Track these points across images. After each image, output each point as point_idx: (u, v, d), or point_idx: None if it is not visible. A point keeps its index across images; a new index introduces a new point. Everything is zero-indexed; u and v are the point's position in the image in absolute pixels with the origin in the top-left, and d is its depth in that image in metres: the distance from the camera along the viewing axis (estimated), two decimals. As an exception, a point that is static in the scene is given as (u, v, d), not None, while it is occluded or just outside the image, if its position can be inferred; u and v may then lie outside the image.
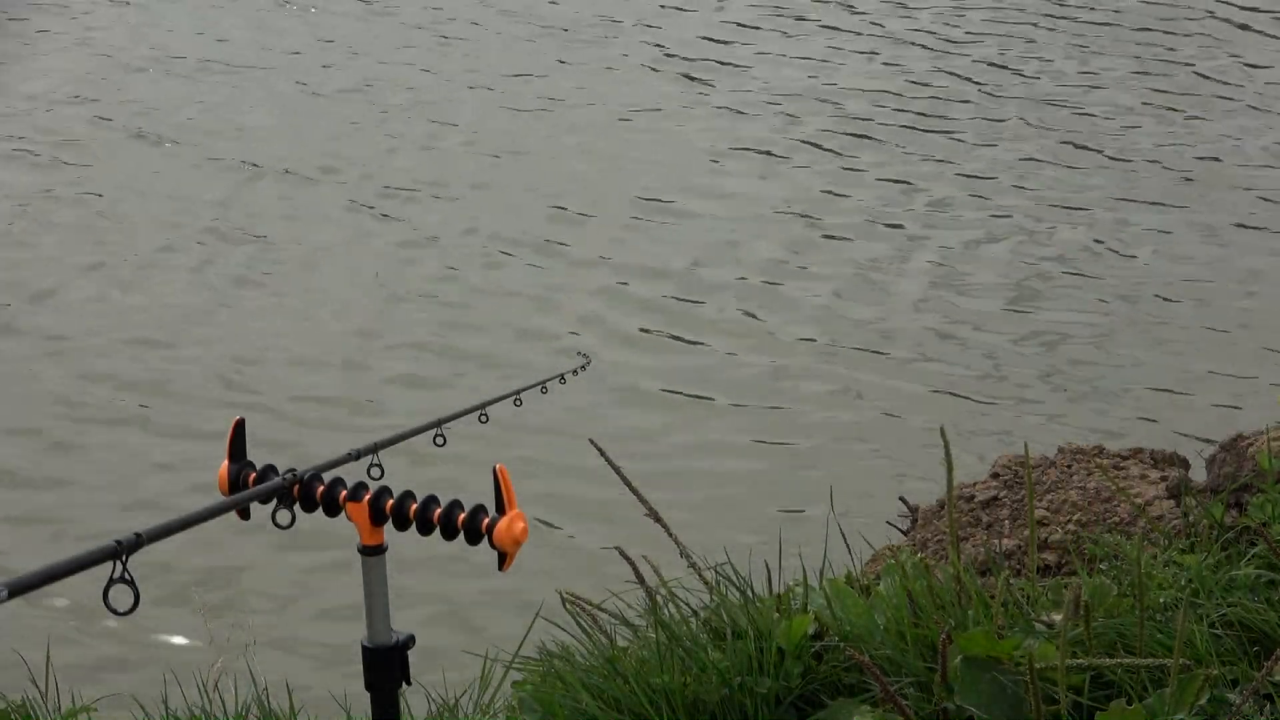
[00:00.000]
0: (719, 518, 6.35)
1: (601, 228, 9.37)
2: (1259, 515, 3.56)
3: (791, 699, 3.07)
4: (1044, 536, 4.01)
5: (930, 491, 5.82)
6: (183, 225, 9.44)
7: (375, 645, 2.29)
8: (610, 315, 8.36)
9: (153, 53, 12.12)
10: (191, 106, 11.14)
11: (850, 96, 11.19)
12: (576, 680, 3.14)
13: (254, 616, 5.76)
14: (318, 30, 12.65)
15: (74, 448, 7.19)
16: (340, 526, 2.34)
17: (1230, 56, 11.65)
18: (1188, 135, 10.42)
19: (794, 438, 7.18)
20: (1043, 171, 9.94)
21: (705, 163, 10.27)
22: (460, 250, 9.11)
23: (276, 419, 7.21)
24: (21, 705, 3.69)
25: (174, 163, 10.33)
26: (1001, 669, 2.84)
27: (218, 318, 8.39)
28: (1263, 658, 3.03)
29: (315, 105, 11.31)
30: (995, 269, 8.72)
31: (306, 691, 3.99)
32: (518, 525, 2.17)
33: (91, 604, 5.56)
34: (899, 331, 8.09)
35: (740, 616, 3.16)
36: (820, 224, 9.36)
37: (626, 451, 4.82)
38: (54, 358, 7.97)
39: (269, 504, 2.16)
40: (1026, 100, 11.04)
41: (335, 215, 9.60)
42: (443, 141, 10.64)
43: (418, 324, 8.31)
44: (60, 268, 8.92)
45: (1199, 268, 8.66)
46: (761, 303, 8.46)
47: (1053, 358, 7.78)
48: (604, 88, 11.54)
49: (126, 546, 1.74)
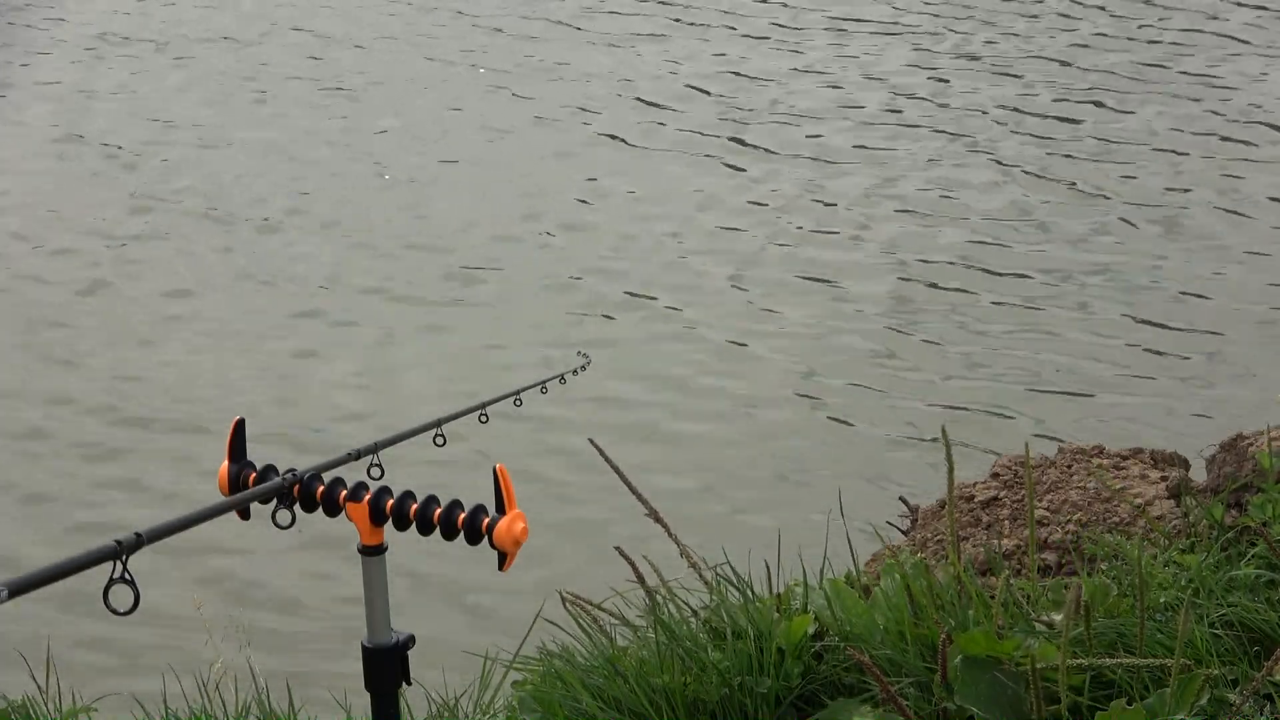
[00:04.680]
0: (719, 517, 6.36)
1: (602, 229, 9.39)
2: (1259, 515, 3.56)
3: (791, 699, 3.06)
4: (1044, 536, 4.00)
5: (930, 491, 5.81)
6: (157, 209, 9.45)
7: (375, 645, 2.29)
8: (610, 315, 8.36)
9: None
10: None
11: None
12: (576, 680, 3.14)
13: (254, 616, 5.76)
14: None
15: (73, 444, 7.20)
16: (340, 526, 2.34)
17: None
18: (1189, 136, 10.43)
19: (794, 437, 7.17)
20: (1046, 173, 9.95)
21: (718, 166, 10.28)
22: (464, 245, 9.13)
23: (275, 418, 7.22)
24: (22, 705, 3.68)
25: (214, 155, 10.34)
26: (1002, 669, 2.83)
27: (214, 316, 8.40)
28: (1263, 658, 3.02)
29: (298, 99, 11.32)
30: (995, 269, 8.72)
31: (306, 691, 3.99)
32: (518, 525, 2.17)
33: (92, 604, 5.56)
34: (899, 331, 8.08)
35: (740, 616, 3.16)
36: (820, 224, 9.36)
37: (626, 451, 4.82)
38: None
39: (269, 504, 2.16)
40: (1042, 110, 11.04)
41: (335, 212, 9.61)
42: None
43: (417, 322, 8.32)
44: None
45: (1199, 268, 8.66)
46: (762, 302, 8.46)
47: (1053, 358, 7.77)
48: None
49: (127, 546, 1.74)
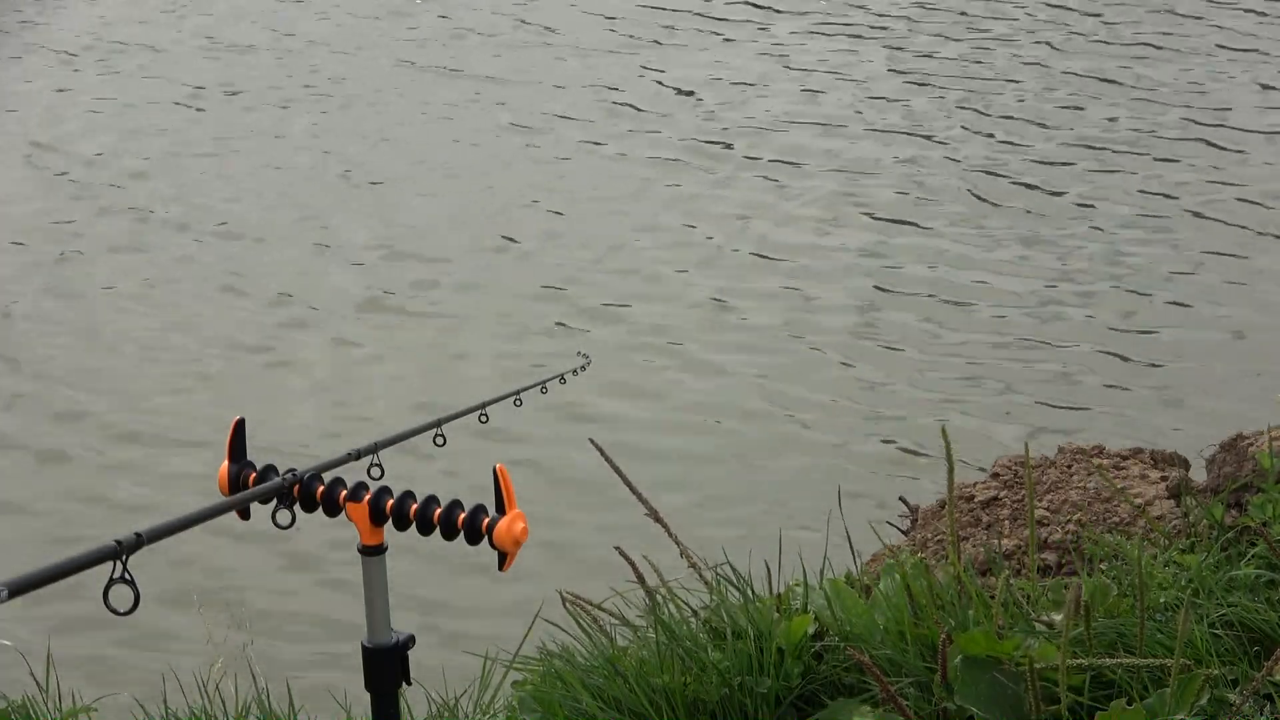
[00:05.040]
0: (719, 517, 6.35)
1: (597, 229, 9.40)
2: (1259, 515, 3.56)
3: (791, 699, 3.06)
4: (1044, 536, 4.00)
5: (930, 491, 5.82)
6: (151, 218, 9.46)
7: (375, 645, 2.29)
8: (609, 315, 8.36)
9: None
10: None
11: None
12: (576, 680, 3.14)
13: (254, 616, 5.75)
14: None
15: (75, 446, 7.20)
16: (340, 527, 2.34)
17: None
18: (1195, 140, 10.43)
19: (794, 437, 7.17)
20: (1050, 173, 9.95)
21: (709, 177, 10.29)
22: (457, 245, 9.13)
23: (275, 418, 7.22)
24: (22, 705, 3.68)
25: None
26: (1001, 669, 2.84)
27: (207, 317, 8.40)
28: (1263, 658, 3.02)
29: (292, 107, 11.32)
30: (995, 268, 8.72)
31: (307, 692, 3.99)
32: (518, 525, 2.17)
33: (92, 604, 5.56)
34: (899, 331, 8.08)
35: (740, 616, 3.16)
36: (819, 223, 9.35)
37: (626, 452, 4.82)
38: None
39: (269, 504, 2.16)
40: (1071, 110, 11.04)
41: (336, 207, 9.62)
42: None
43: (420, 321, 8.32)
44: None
45: (1198, 267, 8.66)
46: (761, 301, 8.45)
47: (1053, 357, 7.77)
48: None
49: (127, 546, 1.74)
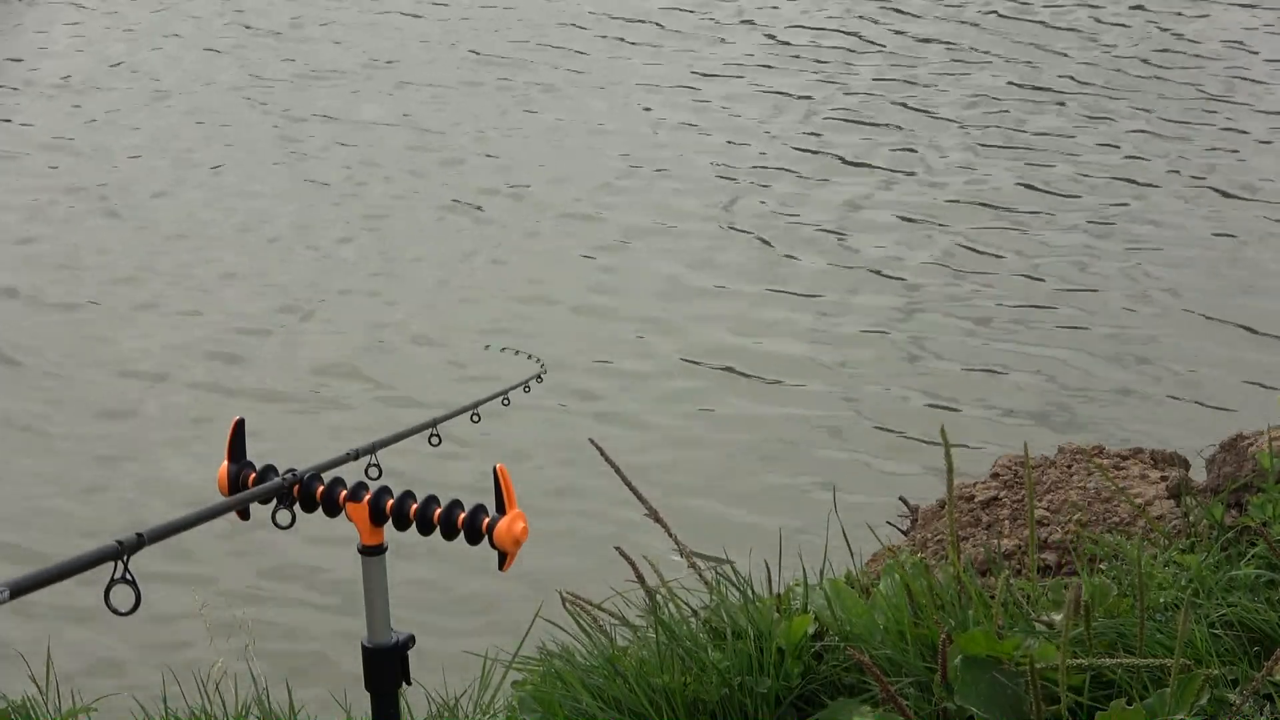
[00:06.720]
0: (719, 517, 6.36)
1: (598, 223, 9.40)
2: (1259, 515, 3.56)
3: (791, 699, 3.06)
4: (1044, 536, 4.00)
5: (930, 491, 5.81)
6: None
7: (375, 645, 2.29)
8: (609, 314, 8.36)
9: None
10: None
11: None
12: (576, 680, 3.14)
13: (254, 616, 5.75)
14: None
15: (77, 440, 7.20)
16: (340, 526, 2.34)
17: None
18: (1191, 140, 10.42)
19: (794, 437, 7.17)
20: (1050, 173, 9.95)
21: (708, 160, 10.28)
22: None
23: (273, 419, 7.22)
24: (22, 705, 3.68)
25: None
26: (1001, 669, 2.83)
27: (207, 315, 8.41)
28: (1263, 658, 3.02)
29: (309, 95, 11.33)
30: (995, 268, 8.72)
31: (307, 691, 3.99)
32: (518, 525, 2.17)
33: (92, 604, 5.56)
34: (899, 330, 8.08)
35: (740, 616, 3.16)
36: (819, 221, 9.35)
37: (626, 451, 4.83)
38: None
39: (269, 504, 2.16)
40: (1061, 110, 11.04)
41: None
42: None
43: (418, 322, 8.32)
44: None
45: (1198, 267, 8.66)
46: (761, 300, 8.45)
47: (1053, 357, 7.76)
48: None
49: (128, 547, 1.74)
